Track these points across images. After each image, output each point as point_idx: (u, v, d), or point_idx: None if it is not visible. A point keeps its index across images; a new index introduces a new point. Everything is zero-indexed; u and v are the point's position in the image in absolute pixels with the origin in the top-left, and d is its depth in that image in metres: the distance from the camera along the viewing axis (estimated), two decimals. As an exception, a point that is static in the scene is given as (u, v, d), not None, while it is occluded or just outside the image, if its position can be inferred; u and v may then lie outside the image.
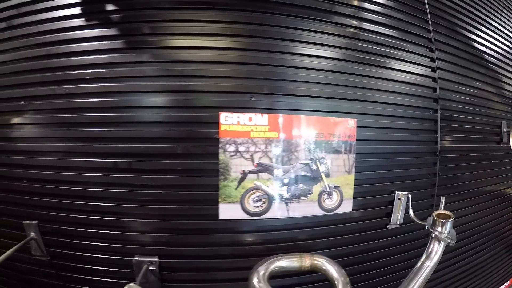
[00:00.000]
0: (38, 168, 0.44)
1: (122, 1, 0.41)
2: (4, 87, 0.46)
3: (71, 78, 0.42)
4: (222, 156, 0.38)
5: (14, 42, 0.45)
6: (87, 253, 0.44)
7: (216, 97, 0.39)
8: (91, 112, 0.41)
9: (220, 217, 0.40)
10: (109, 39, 0.41)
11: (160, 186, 0.40)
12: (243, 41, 0.41)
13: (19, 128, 0.45)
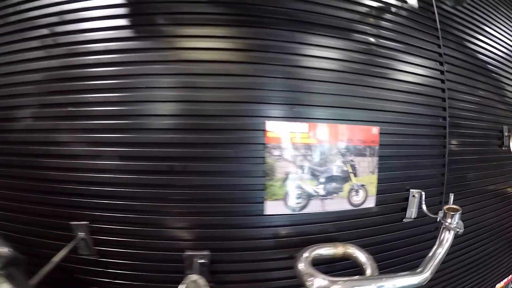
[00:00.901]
0: (87, 171, 0.52)
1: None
2: (52, 93, 0.53)
3: (123, 87, 0.50)
4: (269, 159, 0.49)
5: (60, 48, 0.52)
6: (136, 250, 0.53)
7: (263, 107, 0.49)
8: (144, 119, 0.49)
9: (265, 213, 0.50)
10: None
11: (212, 186, 0.50)
12: (286, 58, 0.51)
13: (67, 132, 0.53)
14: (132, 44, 0.50)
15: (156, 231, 0.51)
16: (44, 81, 0.53)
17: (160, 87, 0.50)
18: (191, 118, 0.48)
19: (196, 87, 0.49)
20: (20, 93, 0.54)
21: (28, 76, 0.54)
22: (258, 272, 0.51)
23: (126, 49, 0.51)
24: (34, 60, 0.54)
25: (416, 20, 0.68)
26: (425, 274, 0.51)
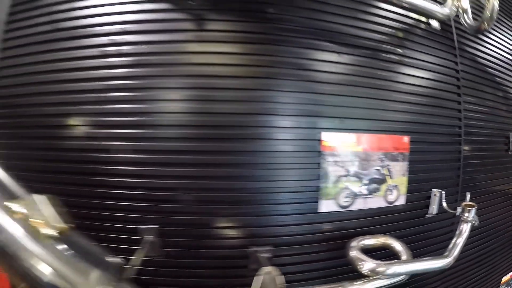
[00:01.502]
0: (155, 178, 0.62)
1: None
2: (113, 102, 0.63)
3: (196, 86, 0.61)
4: (323, 164, 0.62)
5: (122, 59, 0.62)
6: (203, 249, 0.64)
7: (319, 120, 0.62)
8: (213, 130, 0.62)
9: (320, 211, 0.64)
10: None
11: (274, 188, 0.63)
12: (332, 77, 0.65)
13: (138, 141, 0.63)
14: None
15: (223, 230, 0.63)
16: (104, 90, 0.63)
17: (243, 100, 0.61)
18: (263, 129, 0.61)
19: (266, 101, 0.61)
20: (85, 100, 0.64)
21: (89, 84, 0.64)
22: (314, 262, 0.66)
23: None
24: (94, 69, 0.64)
25: (436, 40, 0.82)
26: (449, 259, 0.67)
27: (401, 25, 0.77)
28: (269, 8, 0.64)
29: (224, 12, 0.63)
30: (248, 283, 0.59)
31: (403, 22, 0.77)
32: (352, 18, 0.70)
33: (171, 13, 0.63)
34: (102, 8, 0.64)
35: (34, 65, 0.67)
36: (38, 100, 0.66)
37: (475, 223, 0.70)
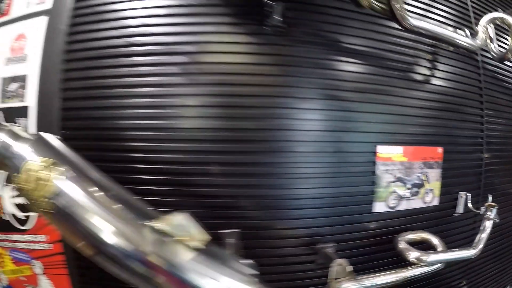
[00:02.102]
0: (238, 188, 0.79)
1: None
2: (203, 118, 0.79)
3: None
4: (377, 172, 0.79)
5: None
6: (277, 248, 0.81)
7: (374, 136, 0.81)
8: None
9: (373, 211, 0.81)
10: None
11: (336, 193, 0.81)
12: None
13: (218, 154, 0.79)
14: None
15: (293, 231, 0.81)
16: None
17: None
18: (338, 144, 0.80)
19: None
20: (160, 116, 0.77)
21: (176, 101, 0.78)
22: (370, 254, 0.86)
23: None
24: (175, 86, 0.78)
25: (461, 61, 1.00)
26: (476, 250, 0.87)
27: (430, 48, 0.95)
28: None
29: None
30: (316, 275, 0.80)
31: (433, 45, 0.95)
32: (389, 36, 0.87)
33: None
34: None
35: (102, 79, 0.81)
36: (108, 114, 0.79)
37: (497, 221, 0.89)
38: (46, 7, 0.89)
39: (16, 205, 0.90)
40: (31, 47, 0.88)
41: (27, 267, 0.95)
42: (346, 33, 0.84)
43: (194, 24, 0.76)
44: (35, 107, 0.84)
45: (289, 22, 0.78)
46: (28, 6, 0.92)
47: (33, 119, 0.84)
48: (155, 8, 0.79)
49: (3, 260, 0.99)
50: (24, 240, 0.92)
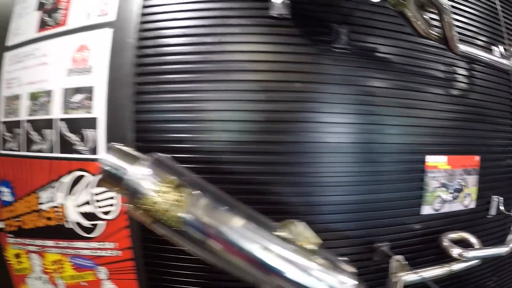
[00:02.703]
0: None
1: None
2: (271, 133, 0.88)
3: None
4: (426, 179, 0.92)
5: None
6: (340, 247, 0.93)
7: (425, 147, 0.92)
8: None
9: (421, 213, 0.94)
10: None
11: (389, 198, 0.93)
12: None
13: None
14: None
15: (353, 232, 0.94)
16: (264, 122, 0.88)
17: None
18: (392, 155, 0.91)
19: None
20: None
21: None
22: (420, 251, 1.01)
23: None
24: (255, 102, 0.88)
25: (493, 75, 1.13)
26: (508, 248, 1.00)
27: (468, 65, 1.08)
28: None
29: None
30: (373, 271, 0.93)
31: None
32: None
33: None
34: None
35: (175, 93, 0.89)
36: (181, 127, 0.88)
37: (525, 221, 1.05)
38: (110, 19, 0.95)
39: (82, 214, 0.97)
40: (95, 58, 0.95)
41: (90, 273, 1.02)
42: (399, 54, 0.98)
43: (267, 43, 0.86)
44: (104, 118, 0.91)
45: (352, 44, 0.89)
46: (89, 18, 0.98)
47: (103, 130, 0.91)
48: (230, 26, 0.88)
49: (63, 266, 1.06)
50: (90, 247, 0.99)
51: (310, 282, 0.55)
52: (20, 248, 1.15)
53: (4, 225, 1.18)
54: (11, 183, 1.14)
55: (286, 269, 0.56)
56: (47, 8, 1.10)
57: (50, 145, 1.01)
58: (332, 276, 0.58)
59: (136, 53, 0.91)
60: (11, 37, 1.16)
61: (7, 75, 1.15)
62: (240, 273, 0.62)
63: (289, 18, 0.88)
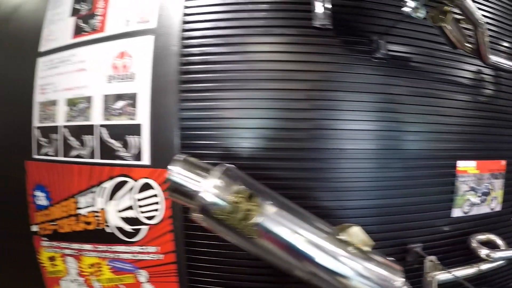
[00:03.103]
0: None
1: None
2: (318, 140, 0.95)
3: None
4: (457, 183, 0.98)
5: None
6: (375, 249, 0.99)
7: (456, 152, 0.99)
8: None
9: (451, 216, 1.00)
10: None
11: (421, 202, 0.98)
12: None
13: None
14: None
15: (388, 234, 1.01)
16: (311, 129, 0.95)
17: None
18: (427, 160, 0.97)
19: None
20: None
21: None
22: (450, 252, 1.10)
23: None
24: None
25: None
26: None
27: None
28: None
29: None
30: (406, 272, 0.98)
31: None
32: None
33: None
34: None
35: (220, 101, 0.94)
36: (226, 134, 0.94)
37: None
38: (151, 27, 0.99)
39: (124, 219, 1.01)
40: (137, 65, 0.99)
41: (130, 276, 1.07)
42: (428, 62, 1.05)
43: (313, 54, 0.91)
44: (148, 125, 0.95)
45: (391, 54, 0.95)
46: (128, 25, 1.01)
47: (147, 137, 0.95)
48: (279, 35, 0.94)
49: (100, 269, 1.11)
50: (130, 251, 1.04)
51: (370, 279, 0.63)
52: (55, 251, 1.21)
53: (38, 228, 1.23)
54: (46, 188, 1.19)
55: (348, 269, 0.63)
56: (82, 14, 1.15)
57: (90, 151, 1.07)
58: (386, 274, 0.66)
59: (180, 61, 0.97)
60: (43, 43, 1.21)
61: (40, 80, 1.20)
62: (305, 276, 0.68)
63: (330, 29, 0.94)
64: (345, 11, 0.98)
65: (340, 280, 0.64)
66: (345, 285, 0.65)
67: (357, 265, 0.65)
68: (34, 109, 1.19)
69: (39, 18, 1.22)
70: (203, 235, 1.02)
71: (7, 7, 1.34)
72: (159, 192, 1.00)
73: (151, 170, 0.98)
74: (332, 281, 0.64)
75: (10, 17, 1.33)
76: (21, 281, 1.36)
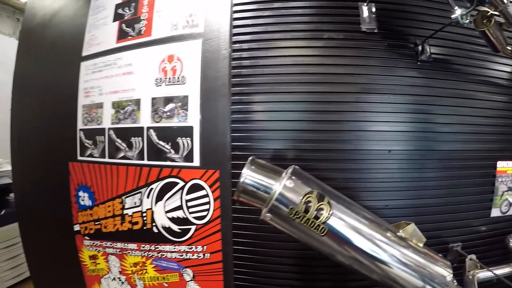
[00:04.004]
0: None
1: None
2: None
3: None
4: (496, 183, 0.99)
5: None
6: None
7: (496, 153, 1.00)
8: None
9: (491, 215, 1.02)
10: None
11: (461, 202, 1.00)
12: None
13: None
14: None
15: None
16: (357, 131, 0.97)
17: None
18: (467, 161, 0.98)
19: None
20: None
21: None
22: (490, 251, 1.13)
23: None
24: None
25: None
26: None
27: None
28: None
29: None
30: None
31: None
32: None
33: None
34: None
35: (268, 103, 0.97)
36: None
37: None
38: (199, 31, 1.01)
39: (172, 219, 1.03)
40: (187, 69, 1.00)
41: (174, 275, 1.09)
42: (467, 64, 1.08)
43: (359, 57, 0.94)
44: (198, 127, 0.97)
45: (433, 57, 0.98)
46: (176, 29, 1.03)
47: (197, 139, 0.97)
48: (326, 39, 0.97)
49: (145, 268, 1.12)
50: (177, 250, 1.06)
51: (425, 274, 0.66)
52: (97, 250, 1.22)
53: (80, 227, 1.25)
54: (90, 188, 1.20)
55: (406, 265, 0.66)
56: (126, 19, 1.17)
57: (138, 153, 1.09)
58: (439, 269, 0.69)
59: (231, 64, 1.00)
60: (86, 47, 1.23)
61: (84, 84, 1.22)
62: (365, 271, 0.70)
63: (376, 32, 0.97)
64: (390, 15, 1.01)
65: (398, 274, 0.67)
66: (403, 278, 0.67)
67: (415, 261, 0.68)
68: (78, 112, 1.24)
69: (78, 23, 1.26)
70: (251, 234, 1.06)
71: (45, 13, 1.38)
72: (209, 193, 1.04)
73: (201, 171, 1.00)
74: (392, 274, 0.67)
75: (48, 24, 1.36)
76: (62, 279, 1.39)
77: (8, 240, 2.49)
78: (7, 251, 2.53)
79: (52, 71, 1.31)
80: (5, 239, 2.48)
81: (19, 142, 1.35)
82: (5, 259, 2.55)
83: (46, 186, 1.30)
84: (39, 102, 1.31)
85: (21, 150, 1.36)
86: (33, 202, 1.34)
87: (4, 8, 3.50)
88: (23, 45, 1.37)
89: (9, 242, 2.51)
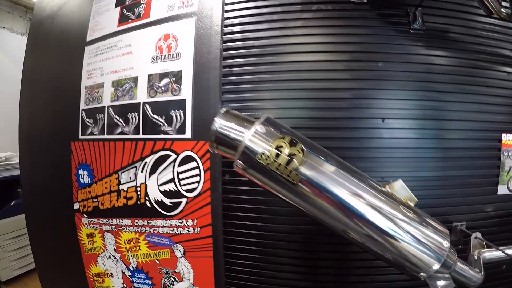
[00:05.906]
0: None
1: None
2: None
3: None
4: (502, 158, 0.93)
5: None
6: None
7: (501, 125, 0.95)
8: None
9: (498, 193, 0.96)
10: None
11: (464, 176, 0.94)
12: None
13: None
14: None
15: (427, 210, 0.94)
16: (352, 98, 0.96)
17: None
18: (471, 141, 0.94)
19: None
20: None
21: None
22: (497, 234, 1.03)
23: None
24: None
25: None
26: None
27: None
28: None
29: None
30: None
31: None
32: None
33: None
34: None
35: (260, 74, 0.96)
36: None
37: None
38: (193, 10, 1.05)
39: (164, 193, 1.03)
40: (182, 45, 1.04)
41: (166, 251, 1.08)
42: (472, 34, 1.04)
43: (350, 26, 0.94)
44: (191, 100, 0.99)
45: (429, 26, 0.95)
46: (173, 9, 1.08)
47: (190, 111, 0.99)
48: (315, 11, 0.97)
49: (138, 245, 1.12)
50: (168, 225, 1.06)
51: (412, 234, 0.60)
52: (95, 227, 1.24)
53: (79, 205, 1.27)
54: (90, 166, 1.24)
55: (393, 224, 0.60)
56: (127, 4, 1.23)
57: (134, 128, 1.12)
58: (434, 235, 0.63)
59: (222, 39, 1.02)
60: (90, 33, 1.30)
61: (87, 67, 1.28)
62: (345, 229, 0.65)
63: (366, 3, 0.97)
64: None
65: (386, 238, 0.59)
66: (388, 242, 0.60)
67: (405, 223, 0.60)
68: (81, 94, 1.30)
69: (83, 12, 1.34)
70: (241, 207, 1.03)
71: (53, 6, 1.48)
72: (200, 164, 1.04)
73: (193, 142, 1.02)
74: (374, 235, 0.61)
75: (56, 14, 1.46)
76: (62, 260, 1.40)
77: (18, 230, 2.58)
78: (16, 241, 2.61)
79: (61, 61, 1.38)
80: (14, 229, 2.58)
81: (28, 133, 1.39)
82: (15, 249, 2.64)
83: (53, 168, 1.32)
84: (47, 94, 1.37)
85: (29, 141, 1.40)
86: (39, 191, 1.37)
87: (17, 8, 3.57)
88: (33, 37, 1.45)
89: (18, 232, 2.60)
